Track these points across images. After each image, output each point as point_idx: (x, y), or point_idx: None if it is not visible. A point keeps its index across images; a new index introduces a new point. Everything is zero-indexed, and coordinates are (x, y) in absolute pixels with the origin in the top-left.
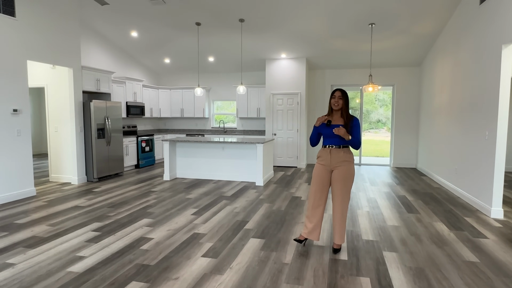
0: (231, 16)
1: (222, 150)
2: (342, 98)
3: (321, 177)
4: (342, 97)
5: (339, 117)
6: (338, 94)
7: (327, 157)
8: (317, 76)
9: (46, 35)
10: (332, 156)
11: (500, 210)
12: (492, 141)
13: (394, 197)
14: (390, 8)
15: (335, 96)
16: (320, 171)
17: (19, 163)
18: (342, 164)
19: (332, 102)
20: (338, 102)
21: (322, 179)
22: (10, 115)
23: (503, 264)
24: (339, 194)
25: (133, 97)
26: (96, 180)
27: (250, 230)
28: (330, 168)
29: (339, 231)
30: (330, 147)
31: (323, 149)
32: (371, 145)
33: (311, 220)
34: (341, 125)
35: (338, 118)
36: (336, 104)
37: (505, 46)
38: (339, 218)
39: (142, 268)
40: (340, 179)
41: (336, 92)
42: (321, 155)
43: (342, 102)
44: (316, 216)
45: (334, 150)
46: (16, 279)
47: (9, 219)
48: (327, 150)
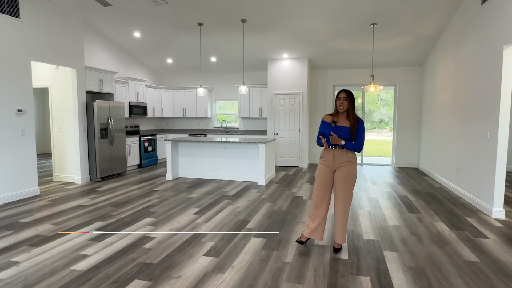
0: (233, 16)
1: (224, 150)
2: (347, 100)
3: (324, 177)
4: (347, 98)
5: (345, 118)
6: (343, 96)
7: (330, 158)
8: (319, 76)
9: (50, 36)
10: (335, 157)
11: (501, 210)
12: (493, 141)
13: (396, 197)
14: (392, 8)
15: (340, 97)
16: (323, 171)
17: (23, 163)
18: (345, 165)
19: (337, 104)
20: (343, 104)
21: (325, 179)
22: (14, 115)
23: (504, 264)
24: (342, 194)
25: (135, 97)
26: (99, 180)
27: (252, 230)
28: (333, 168)
29: (341, 231)
30: (333, 147)
31: (326, 150)
32: (373, 145)
33: (313, 220)
34: (347, 127)
35: (344, 120)
36: (341, 106)
37: (506, 46)
38: (341, 218)
39: (144, 266)
40: (342, 179)
41: (341, 94)
42: (324, 155)
43: (347, 104)
44: (319, 216)
45: (337, 151)
46: (21, 277)
47: (13, 218)
48: (330, 150)
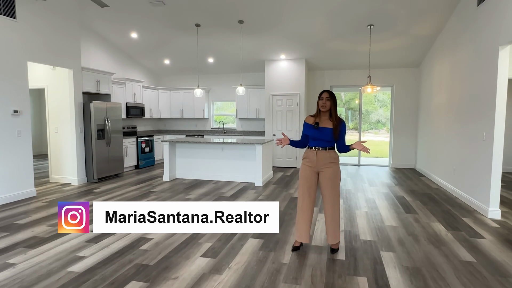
0: (231, 17)
1: (221, 150)
2: (330, 100)
3: (308, 178)
4: (330, 98)
5: (327, 119)
6: (326, 96)
7: (314, 159)
8: (316, 77)
9: (46, 36)
10: (318, 158)
11: (497, 210)
12: (489, 142)
13: (393, 197)
14: (389, 10)
15: (323, 97)
16: (307, 172)
17: (19, 164)
18: (328, 166)
19: (320, 103)
20: (325, 103)
21: (310, 180)
22: (10, 116)
23: (499, 264)
24: (329, 196)
25: (133, 98)
26: (96, 181)
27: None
28: (317, 169)
29: (332, 231)
30: (316, 148)
31: (309, 150)
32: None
33: (301, 222)
34: (330, 128)
35: (327, 121)
36: (323, 105)
37: (502, 48)
38: (331, 219)
39: (141, 268)
40: (328, 181)
41: (324, 94)
42: (307, 156)
43: (330, 104)
44: (306, 218)
45: (320, 152)
46: (17, 278)
47: (9, 219)
48: (313, 151)
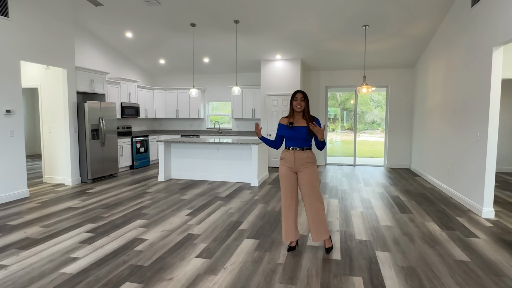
0: (226, 17)
1: (217, 151)
2: (304, 100)
3: (288, 178)
4: (304, 98)
5: (301, 118)
6: (300, 96)
7: (291, 159)
8: (312, 77)
9: (39, 35)
10: (296, 158)
11: (491, 210)
12: (483, 142)
13: (388, 197)
14: (384, 10)
15: (297, 98)
16: (286, 173)
17: (12, 164)
18: (306, 166)
19: (294, 104)
20: (300, 104)
21: (290, 180)
22: (3, 116)
23: (493, 263)
24: (310, 195)
25: (127, 98)
26: (90, 181)
27: (245, 231)
28: (295, 170)
29: (314, 230)
30: (293, 149)
31: (286, 151)
32: (365, 146)
33: (286, 222)
34: (304, 127)
35: (301, 120)
36: (298, 106)
37: (495, 48)
38: (313, 217)
39: (136, 269)
40: (306, 180)
41: (298, 94)
42: (285, 157)
43: (304, 104)
44: (291, 217)
45: (298, 152)
46: (9, 280)
47: (2, 220)
48: (290, 152)
